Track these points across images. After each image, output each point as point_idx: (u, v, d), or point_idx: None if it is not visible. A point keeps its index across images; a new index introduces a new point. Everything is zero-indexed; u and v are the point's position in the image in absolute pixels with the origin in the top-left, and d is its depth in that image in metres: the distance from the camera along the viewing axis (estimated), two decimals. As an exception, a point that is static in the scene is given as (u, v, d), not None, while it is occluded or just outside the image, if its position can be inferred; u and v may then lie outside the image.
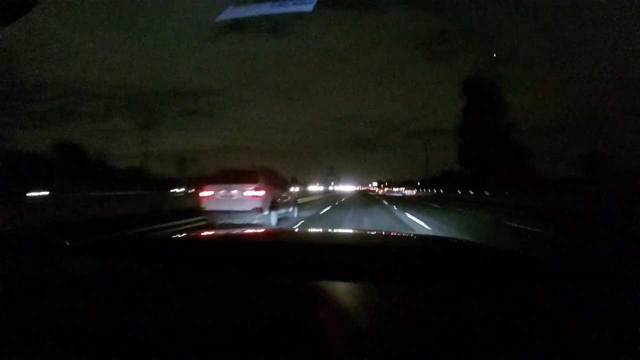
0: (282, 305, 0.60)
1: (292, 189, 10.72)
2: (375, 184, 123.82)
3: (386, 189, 71.66)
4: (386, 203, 18.42)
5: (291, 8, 4.30)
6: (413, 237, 1.56)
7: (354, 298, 0.63)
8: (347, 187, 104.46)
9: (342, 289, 0.66)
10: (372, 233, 1.74)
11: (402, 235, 1.68)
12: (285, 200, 8.28)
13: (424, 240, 1.34)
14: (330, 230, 2.06)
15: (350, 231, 1.83)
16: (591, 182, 23.97)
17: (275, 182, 7.77)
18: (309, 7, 4.20)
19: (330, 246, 1.05)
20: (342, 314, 0.56)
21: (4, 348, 0.47)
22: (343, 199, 24.40)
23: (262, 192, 6.67)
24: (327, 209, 13.47)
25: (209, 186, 6.85)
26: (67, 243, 0.94)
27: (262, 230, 2.70)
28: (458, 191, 34.72)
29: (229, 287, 0.71)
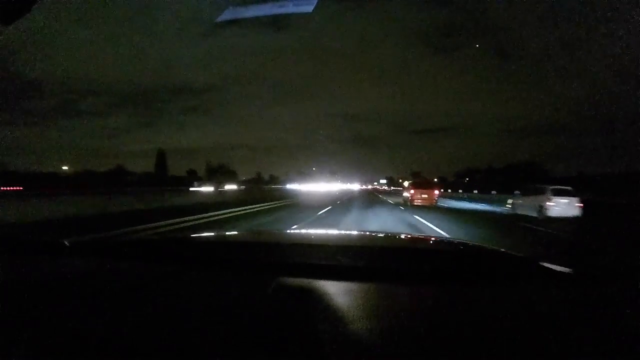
0: (282, 305, 0.61)
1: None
2: (384, 181, 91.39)
3: (437, 192, 15.29)
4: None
5: (291, 9, 4.26)
6: (413, 238, 1.56)
7: (354, 299, 0.63)
8: (327, 185, 65.37)
9: (342, 290, 0.66)
10: (373, 234, 1.73)
11: (402, 237, 1.68)
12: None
13: (424, 241, 1.32)
14: (330, 230, 2.06)
15: (351, 232, 1.83)
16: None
17: None
18: (308, 8, 4.16)
19: (331, 247, 1.05)
20: (342, 315, 0.56)
21: (4, 348, 0.47)
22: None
23: None
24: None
25: None
26: (66, 242, 0.94)
27: (262, 230, 2.73)
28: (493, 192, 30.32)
29: (229, 287, 0.71)
